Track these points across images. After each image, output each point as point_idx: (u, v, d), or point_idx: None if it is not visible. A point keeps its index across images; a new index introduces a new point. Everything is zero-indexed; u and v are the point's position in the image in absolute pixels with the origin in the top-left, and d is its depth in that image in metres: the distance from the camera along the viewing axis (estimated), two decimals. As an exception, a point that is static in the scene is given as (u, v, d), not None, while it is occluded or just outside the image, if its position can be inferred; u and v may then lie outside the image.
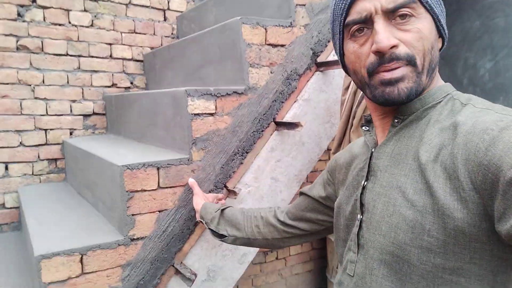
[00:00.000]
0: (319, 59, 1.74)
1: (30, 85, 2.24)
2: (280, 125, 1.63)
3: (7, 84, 2.18)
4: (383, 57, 0.64)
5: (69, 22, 2.34)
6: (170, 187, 1.41)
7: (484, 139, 0.55)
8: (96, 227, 1.45)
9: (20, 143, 2.23)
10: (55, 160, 2.34)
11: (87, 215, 1.60)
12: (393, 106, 0.69)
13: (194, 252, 1.50)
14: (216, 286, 1.57)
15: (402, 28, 0.64)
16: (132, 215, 1.34)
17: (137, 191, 1.34)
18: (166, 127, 1.59)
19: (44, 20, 2.26)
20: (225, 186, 1.54)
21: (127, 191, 1.32)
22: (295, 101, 1.70)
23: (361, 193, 0.73)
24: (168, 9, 2.67)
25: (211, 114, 1.47)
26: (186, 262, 1.49)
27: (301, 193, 1.05)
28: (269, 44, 1.60)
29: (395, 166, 0.67)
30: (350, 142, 1.47)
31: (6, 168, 2.20)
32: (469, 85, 3.25)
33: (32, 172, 2.28)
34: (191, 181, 1.41)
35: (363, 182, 0.74)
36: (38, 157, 2.29)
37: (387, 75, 0.65)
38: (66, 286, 1.25)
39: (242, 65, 1.54)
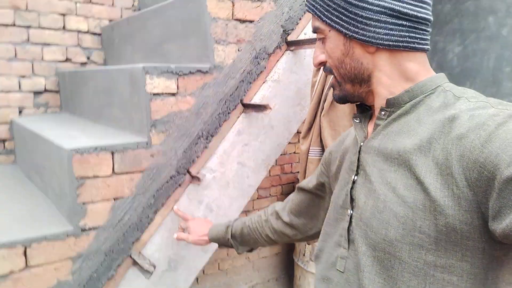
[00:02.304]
0: (289, 38, 1.64)
1: (-28, 58, 2.02)
2: (248, 107, 1.54)
3: None
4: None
5: (16, -12, 2.11)
6: (127, 173, 1.29)
7: (480, 135, 0.54)
8: (44, 216, 1.32)
9: (-38, 121, 2.02)
10: (3, 141, 2.14)
11: (35, 203, 1.46)
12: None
13: (154, 242, 1.41)
14: (178, 276, 1.48)
15: (323, 47, 0.72)
16: (83, 203, 1.22)
17: (88, 177, 1.22)
18: (124, 108, 1.46)
19: (-14, -16, 2.02)
20: (188, 172, 1.44)
21: (76, 178, 1.19)
22: (264, 82, 1.60)
23: (351, 188, 0.72)
24: (129, -22, 2.47)
25: (173, 94, 1.36)
26: (145, 252, 1.39)
27: (299, 188, 1.02)
28: (236, 19, 1.48)
29: (383, 161, 0.66)
30: (320, 126, 1.41)
31: None
32: (437, 69, 3.26)
33: (-23, 154, 2.08)
34: (176, 209, 1.41)
35: (353, 177, 0.73)
36: (-17, 137, 2.08)
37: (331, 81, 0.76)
38: (9, 281, 1.12)
39: (207, 42, 1.42)
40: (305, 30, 1.69)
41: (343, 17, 0.66)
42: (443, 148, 0.58)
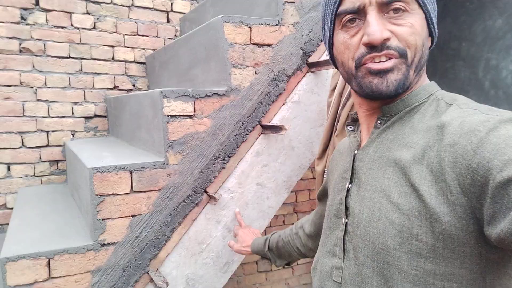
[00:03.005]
0: (310, 59, 1.65)
1: (33, 87, 2.27)
2: (267, 128, 1.56)
3: (10, 86, 2.22)
4: (375, 48, 0.63)
5: (72, 25, 2.36)
6: (144, 191, 1.36)
7: (471, 141, 0.54)
8: (72, 231, 1.42)
9: (22, 144, 2.26)
10: (57, 162, 2.36)
11: (70, 218, 1.58)
12: (378, 99, 0.67)
13: (172, 260, 1.45)
14: (196, 295, 1.50)
15: (395, 21, 0.63)
16: (103, 219, 1.30)
17: (108, 194, 1.30)
18: (148, 130, 1.55)
19: (46, 22, 2.29)
20: (205, 191, 1.48)
21: (97, 195, 1.28)
22: (283, 104, 1.62)
23: (346, 196, 0.71)
24: (172, 10, 2.65)
25: (189, 116, 1.42)
26: (163, 270, 1.43)
27: (317, 199, 1.05)
28: (254, 44, 1.53)
29: (378, 169, 0.66)
30: (334, 147, 1.38)
31: (9, 169, 2.24)
32: (491, 87, 3.04)
33: (34, 173, 2.30)
34: (237, 212, 1.53)
35: (347, 185, 0.72)
36: (40, 158, 2.31)
37: (376, 66, 0.63)
38: (33, 290, 1.22)
39: (225, 66, 1.48)
40: (327, 52, 1.69)
41: (430, 2, 0.65)
42: (437, 155, 0.58)
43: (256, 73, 1.54)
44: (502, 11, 2.86)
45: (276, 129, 1.48)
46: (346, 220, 0.70)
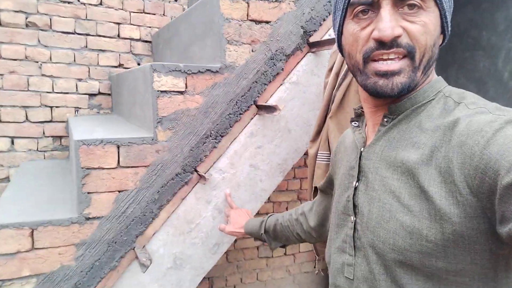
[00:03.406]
0: (311, 39, 1.58)
1: (38, 62, 2.28)
2: (262, 108, 1.51)
3: (15, 60, 2.23)
4: (384, 44, 0.61)
5: (78, 0, 2.34)
6: (132, 166, 1.34)
7: (478, 142, 0.54)
8: (61, 204, 1.42)
9: (26, 118, 2.28)
10: (60, 137, 2.37)
11: (62, 192, 1.58)
12: (383, 98, 0.67)
13: (159, 238, 1.43)
14: (184, 275, 1.49)
15: (408, 18, 0.61)
16: (88, 193, 1.29)
17: (94, 168, 1.28)
18: (141, 106, 1.53)
19: (53, -3, 2.28)
20: (196, 170, 1.45)
21: (82, 168, 1.27)
22: (281, 84, 1.56)
23: (353, 194, 0.71)
24: (180, -11, 2.61)
25: (181, 92, 1.38)
26: (150, 247, 1.42)
27: (319, 189, 1.04)
28: (251, 20, 1.47)
29: (386, 169, 0.65)
30: (327, 129, 1.32)
31: (12, 142, 2.26)
32: (511, 79, 2.90)
33: (37, 148, 2.32)
34: (227, 193, 1.49)
35: (354, 183, 0.72)
36: (43, 133, 2.33)
37: (383, 67, 0.62)
38: (16, 259, 1.22)
39: (219, 42, 1.43)
40: (329, 31, 1.62)
41: (447, 0, 0.64)
42: (445, 156, 0.57)
43: (252, 50, 1.48)
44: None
45: (270, 109, 1.43)
46: (354, 218, 0.71)
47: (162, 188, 1.40)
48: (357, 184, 0.71)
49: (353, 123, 0.77)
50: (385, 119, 0.68)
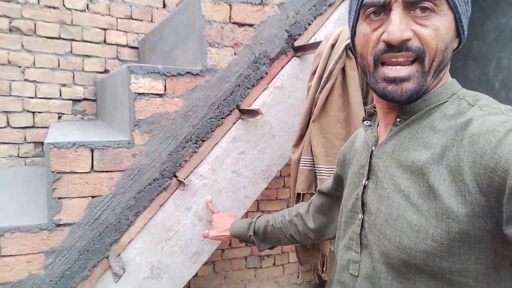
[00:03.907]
0: (296, 43, 1.55)
1: (20, 67, 2.23)
2: (244, 113, 1.47)
3: (-3, 64, 2.18)
4: (393, 47, 0.61)
5: (64, 5, 2.31)
6: (106, 171, 1.29)
7: (490, 141, 0.54)
8: (32, 210, 1.36)
9: (7, 124, 2.22)
10: (42, 143, 2.31)
11: (37, 198, 1.52)
12: (393, 103, 0.67)
13: (135, 246, 1.37)
14: (161, 285, 1.42)
15: (420, 21, 0.61)
16: (59, 198, 1.23)
17: (65, 172, 1.23)
18: (120, 109, 1.48)
19: (38, 2, 2.24)
20: (175, 176, 1.40)
21: (53, 172, 1.21)
22: (265, 88, 1.52)
23: (362, 192, 0.72)
24: (168, -5, 2.59)
25: (159, 95, 1.34)
26: (126, 256, 1.36)
27: (319, 191, 1.03)
28: (234, 23, 1.44)
29: (396, 168, 0.66)
30: (310, 133, 1.28)
31: (-8, 148, 2.20)
32: (502, 88, 2.88)
33: (18, 154, 2.26)
34: (208, 200, 1.44)
35: (364, 181, 0.72)
36: (25, 139, 2.27)
37: (392, 73, 0.62)
38: (-20, 268, 1.16)
39: (201, 44, 1.40)
40: (316, 35, 1.59)
41: (463, 4, 0.63)
42: (456, 155, 0.58)
43: (235, 53, 1.45)
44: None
45: (252, 113, 1.39)
46: (362, 216, 0.71)
47: (138, 194, 1.34)
48: (366, 182, 0.71)
49: (365, 122, 0.77)
50: (398, 119, 0.68)
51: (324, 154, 1.29)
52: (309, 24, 1.58)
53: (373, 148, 0.72)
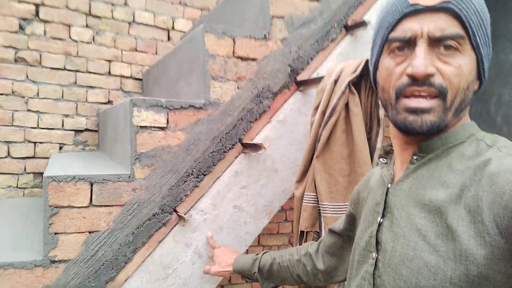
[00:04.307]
0: (299, 78, 1.56)
1: (24, 97, 2.24)
2: (247, 147, 1.45)
3: (1, 94, 2.19)
4: (416, 81, 0.62)
5: (70, 37, 2.35)
6: (105, 205, 1.26)
7: (509, 181, 0.53)
8: (28, 245, 1.32)
9: (8, 154, 2.21)
10: (41, 174, 2.28)
11: (33, 232, 1.48)
12: (412, 135, 0.66)
13: (132, 284, 1.32)
14: (158, 327, 1.36)
15: (443, 59, 0.62)
16: (55, 233, 1.20)
17: (63, 206, 1.20)
18: (122, 142, 1.47)
19: (44, 34, 2.29)
20: (175, 211, 1.36)
21: (50, 206, 1.18)
22: (268, 122, 1.51)
23: (377, 230, 0.70)
24: (173, 29, 2.63)
25: (161, 128, 1.33)
26: (122, 294, 1.30)
27: (330, 231, 1.00)
28: (237, 57, 1.45)
29: (413, 206, 0.64)
30: (313, 170, 1.26)
31: (-9, 178, 2.18)
32: (504, 124, 2.88)
33: (17, 185, 2.23)
34: (209, 236, 1.39)
35: (379, 219, 0.70)
36: (25, 169, 2.25)
37: (414, 103, 0.63)
38: (-31, 307, 1.11)
39: (204, 78, 1.40)
40: (318, 70, 1.60)
41: (486, 47, 0.64)
42: (474, 195, 0.57)
43: (238, 87, 1.45)
44: None
45: (255, 147, 1.38)
46: (376, 255, 0.69)
47: (137, 229, 1.31)
48: (381, 220, 0.70)
49: (381, 159, 0.76)
50: (415, 157, 0.68)
51: (327, 191, 1.26)
52: (312, 59, 1.59)
53: (389, 186, 0.71)
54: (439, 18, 0.61)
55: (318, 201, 1.28)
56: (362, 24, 1.58)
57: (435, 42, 0.62)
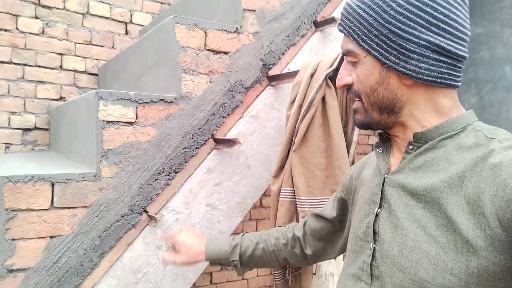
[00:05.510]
0: (271, 72, 1.53)
1: (-36, 92, 2.03)
2: (220, 142, 1.40)
3: None
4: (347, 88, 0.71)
5: (17, 28, 2.16)
6: (69, 207, 1.15)
7: None
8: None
9: None
10: (-15, 177, 2.08)
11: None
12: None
13: (99, 291, 1.22)
14: (127, 335, 1.27)
15: (353, 69, 0.69)
16: (12, 239, 1.08)
17: (21, 210, 1.08)
18: (83, 138, 1.36)
19: (-13, 24, 2.08)
20: (145, 211, 1.28)
21: (6, 209, 1.06)
22: (240, 117, 1.47)
23: (374, 221, 0.69)
24: (131, 22, 2.51)
25: (130, 123, 1.24)
26: (88, 303, 1.20)
27: (319, 216, 0.96)
28: (209, 50, 1.40)
29: (410, 197, 0.64)
30: (291, 163, 1.24)
31: None
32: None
33: (-44, 189, 2.01)
34: (159, 233, 1.10)
35: (376, 209, 0.70)
36: (-35, 172, 2.03)
37: (353, 106, 0.72)
38: None
39: (175, 71, 1.33)
40: (289, 65, 1.59)
41: (385, 46, 0.64)
42: (475, 187, 0.57)
43: (210, 81, 1.40)
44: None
45: (230, 143, 1.33)
46: (374, 245, 0.68)
47: (104, 232, 1.21)
48: (378, 210, 0.70)
49: (377, 148, 0.75)
50: (410, 147, 0.68)
51: (305, 185, 1.24)
52: (283, 54, 1.57)
53: (385, 176, 0.70)
54: (344, 37, 0.70)
55: (295, 195, 1.26)
56: (331, 20, 1.59)
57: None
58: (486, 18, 2.84)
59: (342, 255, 1.00)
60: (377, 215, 0.69)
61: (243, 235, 1.06)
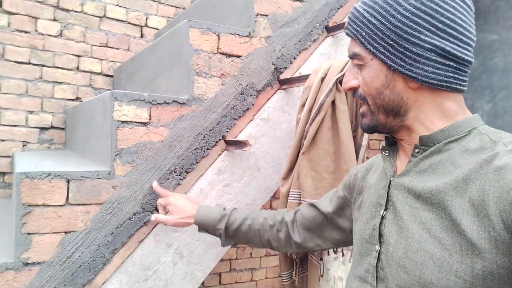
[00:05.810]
0: (282, 76, 1.55)
1: (-16, 92, 2.09)
2: (230, 144, 1.42)
3: (-42, 88, 2.04)
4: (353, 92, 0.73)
5: (36, 30, 2.22)
6: (83, 204, 1.19)
7: None
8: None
9: (-35, 152, 2.05)
10: (3, 174, 2.14)
11: (2, 233, 1.38)
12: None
13: (111, 287, 1.25)
14: (137, 331, 1.30)
15: (359, 73, 0.70)
16: (28, 234, 1.11)
17: (37, 205, 1.12)
18: (98, 138, 1.40)
19: (8, 26, 2.15)
20: (156, 210, 1.31)
21: (23, 204, 1.10)
22: (251, 120, 1.50)
23: (380, 223, 0.70)
24: (146, 25, 2.56)
25: (144, 124, 1.28)
26: (99, 298, 1.23)
27: (314, 206, 0.98)
28: (222, 53, 1.43)
29: (416, 199, 0.65)
30: (299, 166, 1.25)
31: None
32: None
33: (-26, 185, 2.08)
34: (155, 186, 1.26)
35: (381, 212, 0.71)
36: (-16, 169, 2.09)
37: (360, 110, 0.74)
38: None
39: (188, 73, 1.36)
40: (300, 69, 1.61)
41: (391, 49, 0.65)
42: (480, 189, 0.57)
43: (222, 84, 1.42)
44: (478, 52, 2.90)
45: (240, 145, 1.35)
46: (379, 248, 0.69)
47: (117, 229, 1.24)
48: (384, 213, 0.70)
49: (383, 152, 0.76)
50: (416, 150, 0.68)
51: (313, 188, 1.26)
52: (295, 58, 1.59)
53: (391, 179, 0.71)
54: (350, 41, 0.71)
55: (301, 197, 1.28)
56: (343, 26, 1.61)
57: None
58: (500, 25, 2.82)
59: (351, 257, 1.02)
60: (383, 217, 0.70)
61: (234, 209, 1.11)
